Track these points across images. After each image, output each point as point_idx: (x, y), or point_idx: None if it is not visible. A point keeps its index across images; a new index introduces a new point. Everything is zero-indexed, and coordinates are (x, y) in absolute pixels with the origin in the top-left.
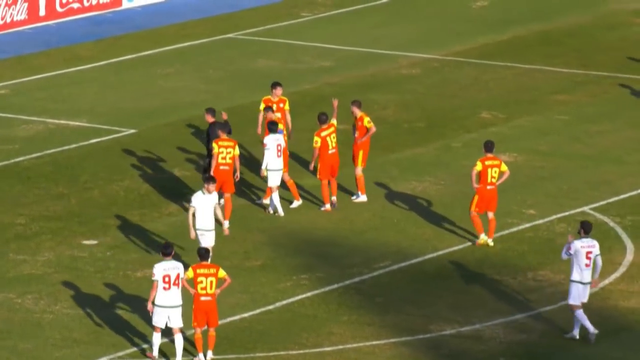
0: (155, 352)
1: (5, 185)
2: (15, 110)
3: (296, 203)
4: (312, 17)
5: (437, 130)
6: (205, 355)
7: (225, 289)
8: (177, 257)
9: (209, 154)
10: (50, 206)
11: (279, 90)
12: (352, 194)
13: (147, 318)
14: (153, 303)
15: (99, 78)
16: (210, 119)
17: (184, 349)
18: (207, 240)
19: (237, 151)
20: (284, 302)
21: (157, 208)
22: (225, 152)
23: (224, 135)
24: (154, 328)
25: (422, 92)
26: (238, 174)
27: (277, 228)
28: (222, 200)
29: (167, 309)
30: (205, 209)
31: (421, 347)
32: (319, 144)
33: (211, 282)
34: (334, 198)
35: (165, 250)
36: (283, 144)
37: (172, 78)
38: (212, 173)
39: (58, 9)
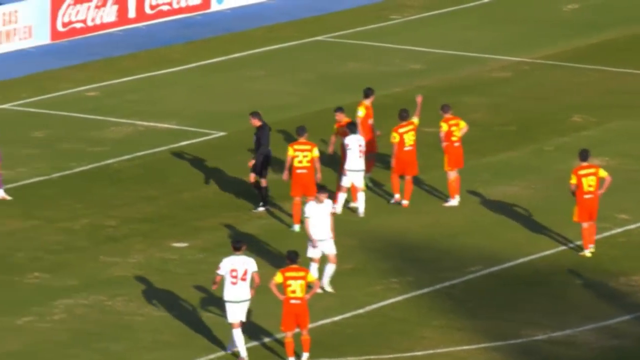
0: (243, 353)
1: (96, 188)
2: (105, 112)
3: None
4: (402, 19)
5: (528, 134)
6: (299, 358)
7: (316, 293)
8: (276, 260)
9: (262, 159)
10: (141, 208)
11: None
12: (446, 198)
13: None
14: (223, 299)
15: (188, 80)
16: (257, 122)
17: (276, 353)
18: (324, 249)
19: (315, 153)
20: (375, 305)
21: (248, 210)
22: (301, 156)
23: (301, 139)
24: (231, 325)
25: (513, 95)
26: (319, 175)
27: (368, 232)
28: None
29: (237, 304)
30: (319, 219)
31: (513, 352)
32: (396, 140)
33: (300, 285)
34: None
35: (235, 245)
36: (364, 145)
37: (261, 81)
38: (284, 176)
39: (148, 10)
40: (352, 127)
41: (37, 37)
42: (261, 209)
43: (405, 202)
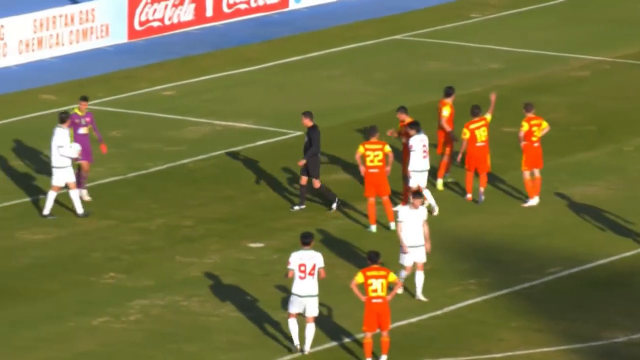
0: (296, 341)
1: (172, 187)
2: (182, 112)
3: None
4: (482, 18)
5: (608, 134)
6: (377, 359)
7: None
8: (354, 260)
9: (311, 160)
10: (217, 208)
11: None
12: (525, 199)
13: (317, 322)
14: (290, 291)
15: (265, 79)
16: (308, 123)
17: (353, 354)
18: (415, 256)
19: (387, 149)
20: (452, 307)
21: (324, 211)
22: (372, 155)
23: (373, 138)
24: (288, 314)
25: (593, 95)
26: (388, 168)
27: (445, 232)
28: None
29: (303, 298)
30: (412, 225)
31: (592, 355)
32: (467, 136)
33: (382, 284)
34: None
35: (304, 240)
36: (427, 145)
37: (339, 80)
38: (362, 171)
39: (225, 9)
40: (415, 127)
41: (114, 35)
42: (335, 206)
43: (481, 189)
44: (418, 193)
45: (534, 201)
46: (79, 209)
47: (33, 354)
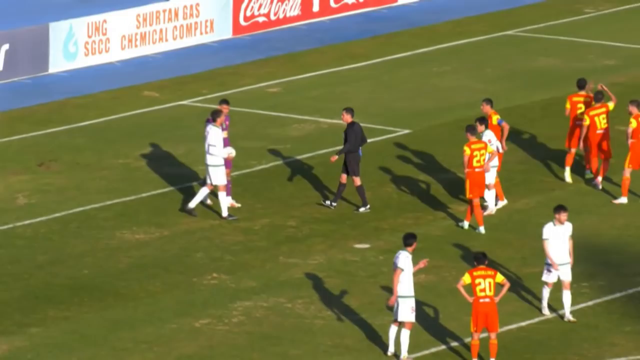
0: (390, 347)
1: (277, 186)
2: (287, 109)
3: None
4: (596, 13)
5: None
6: None
7: (502, 297)
8: (463, 261)
9: (349, 157)
10: (322, 208)
11: None
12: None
13: (424, 325)
14: None
15: (372, 76)
16: (348, 119)
17: (461, 356)
18: (561, 274)
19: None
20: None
21: (431, 211)
22: (479, 155)
23: (473, 138)
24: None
25: None
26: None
27: None
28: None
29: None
30: (557, 241)
31: None
32: (587, 122)
33: (490, 283)
34: (599, 178)
35: (404, 241)
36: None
37: (448, 77)
38: (466, 174)
39: (332, 5)
40: (485, 122)
41: (219, 31)
42: (363, 209)
43: (599, 179)
44: (562, 207)
45: (624, 199)
46: (224, 212)
47: (133, 356)
